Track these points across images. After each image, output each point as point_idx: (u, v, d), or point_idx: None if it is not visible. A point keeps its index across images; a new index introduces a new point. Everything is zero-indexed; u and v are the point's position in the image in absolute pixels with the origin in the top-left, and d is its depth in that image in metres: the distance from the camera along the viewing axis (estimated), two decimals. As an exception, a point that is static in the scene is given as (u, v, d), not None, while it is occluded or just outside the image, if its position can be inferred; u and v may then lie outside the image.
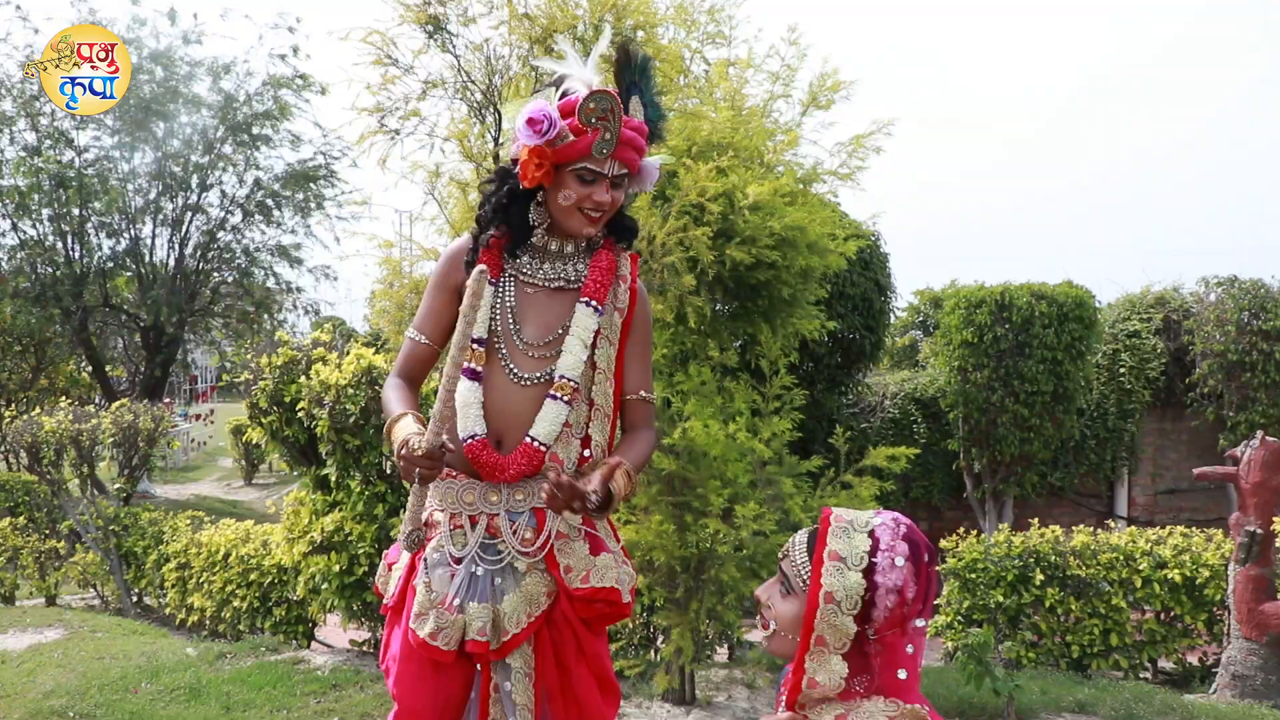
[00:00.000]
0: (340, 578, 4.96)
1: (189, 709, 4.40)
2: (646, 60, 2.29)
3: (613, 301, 2.29)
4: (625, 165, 2.19)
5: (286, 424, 5.35)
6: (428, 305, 2.40)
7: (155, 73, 15.57)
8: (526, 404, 2.23)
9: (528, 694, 2.23)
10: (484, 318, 2.25)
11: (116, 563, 8.50)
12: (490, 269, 2.24)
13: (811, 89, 4.88)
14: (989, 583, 6.20)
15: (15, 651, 5.91)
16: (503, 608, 2.19)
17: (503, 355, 2.26)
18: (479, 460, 2.20)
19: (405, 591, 2.30)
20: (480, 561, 2.23)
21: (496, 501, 2.24)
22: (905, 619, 1.60)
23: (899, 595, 1.57)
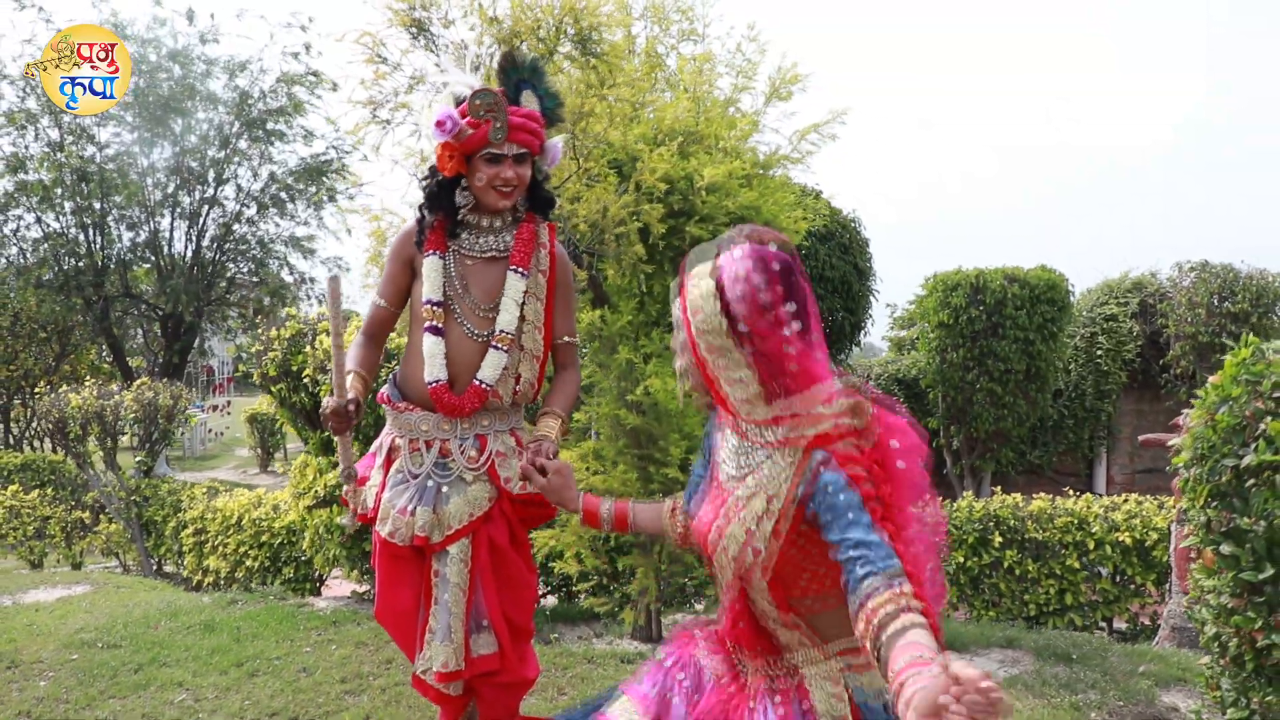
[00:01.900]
0: (340, 530, 5.41)
1: (204, 640, 4.88)
2: (535, 61, 2.76)
3: (536, 265, 2.78)
4: (523, 145, 2.67)
5: (293, 391, 5.80)
6: (386, 275, 2.91)
7: (173, 71, 16.02)
8: (476, 354, 2.74)
9: (461, 574, 2.75)
10: (437, 285, 2.74)
11: (138, 531, 9.00)
12: (437, 247, 2.74)
13: (772, 82, 5.28)
14: (951, 545, 6.60)
15: (47, 602, 6.41)
16: (448, 509, 2.70)
17: (458, 316, 2.76)
18: (441, 400, 2.69)
19: (377, 503, 2.82)
20: (434, 476, 2.73)
21: (448, 429, 2.74)
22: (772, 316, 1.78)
23: (746, 283, 1.77)
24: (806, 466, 1.78)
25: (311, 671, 4.30)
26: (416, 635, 2.86)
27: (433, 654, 2.74)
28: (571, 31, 3.81)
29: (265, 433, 20.24)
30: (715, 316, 1.82)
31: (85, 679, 4.50)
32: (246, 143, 16.48)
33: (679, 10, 5.51)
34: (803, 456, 1.80)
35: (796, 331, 1.81)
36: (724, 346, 1.83)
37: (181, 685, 4.29)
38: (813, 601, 1.88)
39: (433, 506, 2.69)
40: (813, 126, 5.29)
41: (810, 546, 1.81)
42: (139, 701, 4.16)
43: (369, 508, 2.86)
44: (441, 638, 2.72)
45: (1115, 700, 3.73)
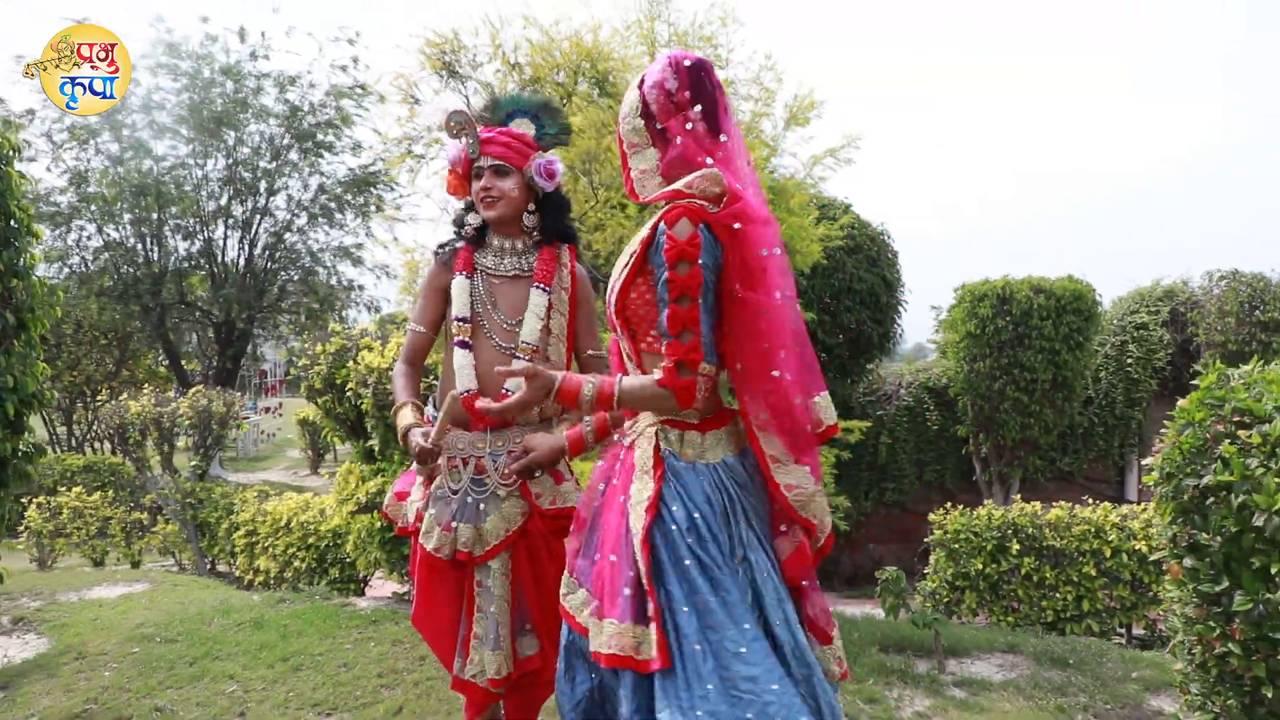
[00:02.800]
0: (382, 533, 5.74)
1: (253, 636, 5.22)
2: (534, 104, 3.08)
3: (559, 283, 3.05)
4: (497, 158, 2.98)
5: (338, 402, 6.14)
6: (421, 302, 3.20)
7: (226, 86, 16.52)
8: (500, 365, 2.99)
9: (504, 586, 3.01)
10: (465, 303, 3.03)
11: (193, 532, 9.43)
12: (465, 268, 3.04)
13: (790, 109, 5.54)
14: (970, 552, 6.79)
15: (110, 598, 6.80)
16: (486, 525, 2.97)
17: (487, 331, 3.05)
18: (472, 409, 2.97)
19: (421, 517, 3.10)
20: (471, 492, 3.01)
21: (482, 446, 3.02)
22: (678, 108, 2.29)
23: (659, 89, 2.29)
24: (654, 226, 2.22)
25: (351, 666, 4.62)
26: (452, 641, 3.14)
27: (484, 661, 3.01)
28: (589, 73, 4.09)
29: (316, 435, 20.76)
30: (634, 104, 2.36)
31: (145, 670, 4.86)
32: (297, 154, 16.97)
33: (702, 38, 5.77)
34: (659, 216, 2.24)
35: (699, 121, 2.29)
36: (636, 128, 2.37)
37: (232, 678, 4.63)
38: (651, 359, 2.34)
39: (474, 523, 2.97)
40: (828, 151, 5.54)
41: (650, 295, 2.29)
42: (194, 692, 4.50)
43: (409, 521, 3.16)
44: (492, 646, 3.00)
45: (1102, 703, 3.93)
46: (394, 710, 4.03)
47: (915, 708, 3.92)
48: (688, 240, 2.18)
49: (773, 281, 2.22)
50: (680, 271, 2.18)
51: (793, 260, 5.17)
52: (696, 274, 2.19)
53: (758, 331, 2.23)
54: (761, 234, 2.18)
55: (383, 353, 5.80)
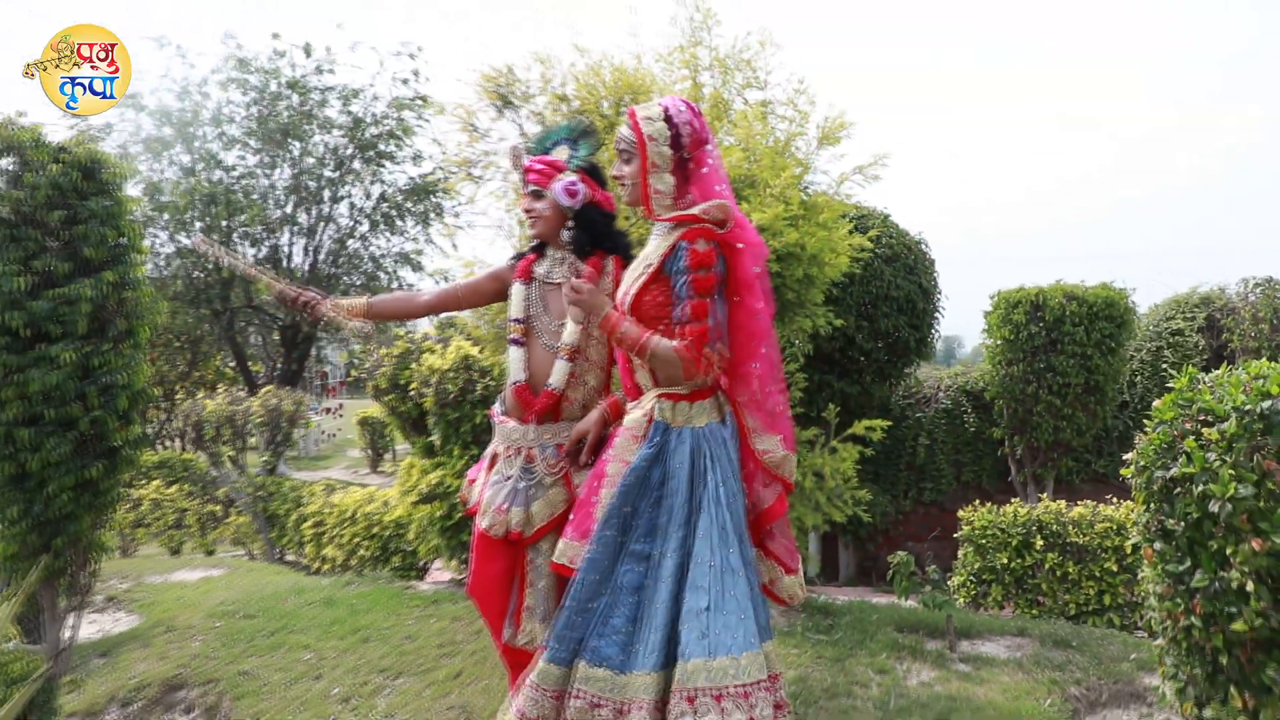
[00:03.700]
0: (441, 522, 6.22)
1: (324, 613, 5.74)
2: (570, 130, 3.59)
3: (602, 288, 3.50)
4: (533, 184, 3.49)
5: (401, 401, 6.65)
6: (480, 275, 3.72)
7: (292, 99, 17.20)
8: (549, 363, 3.45)
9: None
10: (520, 306, 3.51)
11: (263, 523, 10.02)
12: (523, 276, 3.52)
13: (821, 129, 5.92)
14: (996, 547, 7.13)
15: (191, 580, 7.38)
16: (533, 509, 3.42)
17: (538, 332, 3.51)
18: (522, 399, 3.44)
19: (479, 500, 3.58)
20: (521, 479, 3.46)
21: (533, 439, 3.48)
22: (700, 142, 2.97)
23: (691, 124, 2.93)
24: (675, 243, 2.88)
25: (414, 638, 5.11)
26: (502, 610, 3.60)
27: (534, 630, 3.48)
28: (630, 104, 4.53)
29: (375, 435, 21.44)
30: (664, 133, 2.95)
31: (228, 641, 5.39)
32: (359, 164, 17.60)
33: (742, 62, 6.17)
34: (675, 237, 2.89)
35: (709, 156, 3.02)
36: (664, 155, 2.96)
37: (307, 647, 5.14)
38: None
39: (523, 506, 3.43)
40: (856, 169, 5.92)
41: (664, 299, 2.94)
42: (274, 659, 5.02)
43: (474, 501, 3.63)
44: (541, 617, 3.46)
45: (1095, 678, 4.29)
46: (453, 675, 4.51)
47: (921, 678, 4.32)
48: (706, 253, 2.86)
49: (759, 292, 2.93)
50: (699, 275, 2.83)
51: (822, 271, 5.56)
52: (711, 278, 2.86)
53: (748, 329, 2.95)
54: (755, 255, 2.84)
55: (443, 355, 6.28)
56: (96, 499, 4.25)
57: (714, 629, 2.79)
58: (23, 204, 3.96)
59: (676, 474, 2.91)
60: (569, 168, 3.50)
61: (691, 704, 2.73)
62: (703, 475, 2.93)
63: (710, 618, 2.80)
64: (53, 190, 3.99)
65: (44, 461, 3.96)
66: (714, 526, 2.87)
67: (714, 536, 2.87)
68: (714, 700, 2.73)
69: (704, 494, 2.91)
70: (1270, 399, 3.13)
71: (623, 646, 2.83)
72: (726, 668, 2.77)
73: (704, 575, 2.84)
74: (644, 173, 2.97)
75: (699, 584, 2.83)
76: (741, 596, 2.87)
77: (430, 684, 4.44)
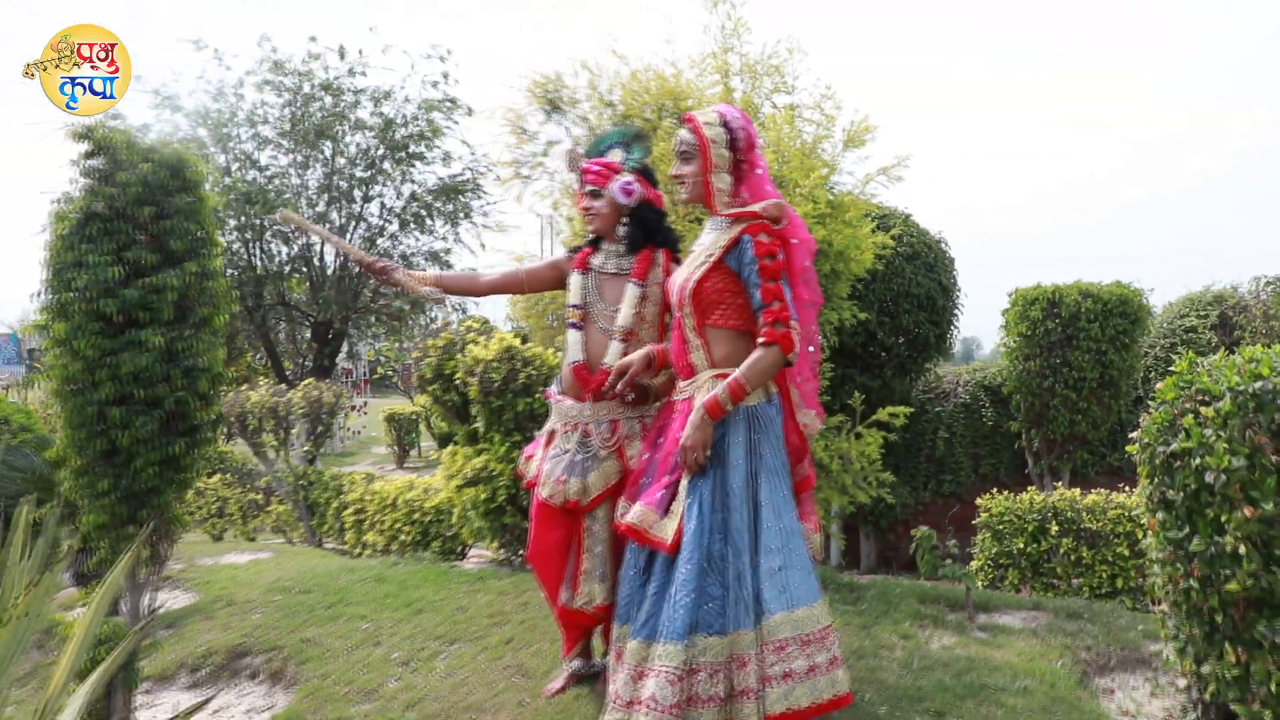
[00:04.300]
0: (485, 505, 6.56)
1: (376, 588, 6.08)
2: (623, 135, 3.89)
3: (652, 279, 3.83)
4: (591, 184, 3.84)
5: (445, 391, 7.00)
6: (540, 263, 4.08)
7: (325, 100, 17.62)
8: (605, 345, 3.79)
9: (607, 530, 3.80)
10: (578, 294, 3.85)
11: (304, 511, 10.40)
12: (580, 266, 3.87)
13: (847, 132, 6.24)
14: (1012, 533, 7.43)
15: (241, 562, 7.76)
16: (589, 480, 3.76)
17: (594, 317, 3.85)
18: (579, 378, 3.78)
19: (538, 473, 3.92)
20: (579, 452, 3.81)
21: (589, 415, 3.82)
22: (751, 146, 3.33)
23: (745, 130, 3.31)
24: (737, 237, 3.24)
25: (465, 610, 5.45)
26: (559, 575, 3.94)
27: (593, 591, 3.82)
28: (671, 110, 4.87)
29: (402, 431, 21.82)
30: (723, 136, 3.33)
31: (288, 613, 5.74)
32: (390, 164, 18.01)
33: (771, 68, 6.49)
34: (736, 231, 3.25)
35: (760, 160, 3.40)
36: (723, 156, 3.33)
37: (364, 618, 5.48)
38: (715, 332, 3.32)
39: (581, 477, 3.77)
40: (881, 170, 6.23)
41: (724, 285, 3.28)
42: (333, 629, 5.37)
43: (532, 476, 3.98)
44: (599, 579, 3.81)
45: (1104, 645, 4.60)
46: (505, 641, 4.85)
47: (942, 642, 4.63)
48: (770, 244, 3.23)
49: (809, 282, 3.19)
50: (769, 262, 3.19)
51: (848, 267, 5.88)
52: (779, 264, 3.23)
53: (801, 317, 3.28)
54: (806, 250, 3.19)
55: (486, 346, 6.63)
56: (178, 474, 4.59)
57: (791, 585, 3.21)
58: (115, 200, 4.30)
59: (736, 447, 3.26)
60: (625, 169, 3.84)
61: (781, 652, 3.15)
62: (758, 448, 3.28)
63: (786, 575, 3.21)
64: (143, 187, 4.33)
65: (133, 438, 4.31)
66: (775, 494, 3.26)
67: (777, 502, 3.26)
68: (800, 646, 3.17)
69: (760, 465, 3.27)
70: (1262, 380, 3.44)
71: (720, 612, 3.17)
72: (804, 618, 3.20)
73: (774, 538, 3.22)
74: (705, 171, 3.33)
75: (771, 546, 3.22)
76: (804, 554, 3.30)
77: (484, 649, 4.78)
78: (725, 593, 3.20)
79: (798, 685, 3.16)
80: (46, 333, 4.38)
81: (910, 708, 3.81)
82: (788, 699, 3.15)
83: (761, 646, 3.19)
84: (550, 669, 4.35)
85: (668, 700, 3.07)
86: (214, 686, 5.09)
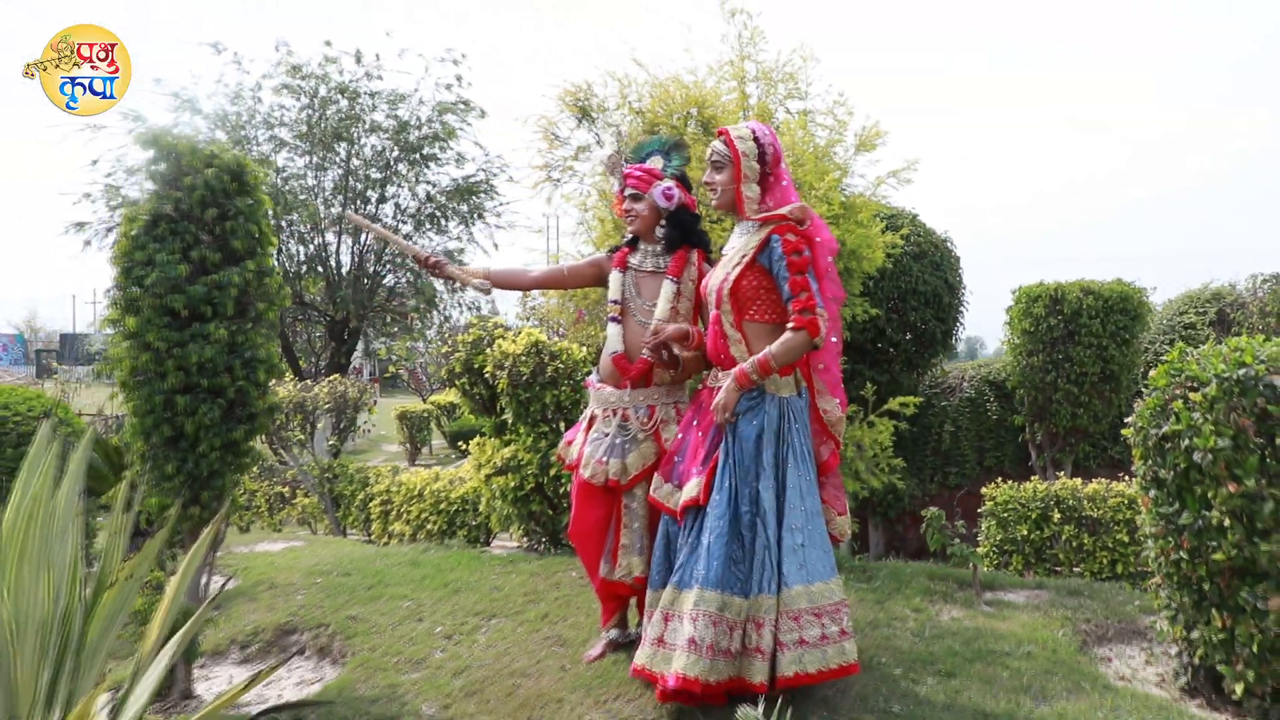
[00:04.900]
0: (514, 492, 6.88)
1: (413, 571, 6.40)
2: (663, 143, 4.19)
3: (687, 276, 4.14)
4: (633, 188, 4.14)
5: (474, 384, 7.32)
6: (582, 261, 4.40)
7: (340, 103, 17.95)
8: (642, 337, 4.11)
9: (644, 507, 4.12)
10: (617, 290, 4.17)
11: (329, 503, 10.72)
12: (619, 265, 4.18)
13: (858, 137, 6.56)
14: (1016, 520, 7.75)
15: (275, 550, 8.07)
16: (628, 460, 4.08)
17: (632, 312, 4.17)
18: (620, 367, 4.10)
19: (581, 455, 4.24)
20: (618, 435, 4.13)
21: (628, 400, 4.14)
22: (778, 159, 3.67)
23: (773, 145, 3.65)
24: (767, 238, 3.60)
25: (500, 589, 5.77)
26: (598, 550, 4.26)
27: (631, 564, 4.14)
28: (696, 117, 5.20)
29: (414, 429, 22.13)
30: (754, 150, 3.68)
31: (330, 594, 6.06)
32: (405, 166, 18.33)
33: (786, 75, 6.81)
34: (766, 233, 3.61)
35: (785, 172, 3.77)
36: (753, 168, 3.68)
37: (405, 597, 5.80)
38: (751, 326, 3.68)
39: (620, 458, 4.09)
40: (891, 173, 6.56)
41: (759, 283, 3.64)
42: (375, 607, 5.69)
43: (573, 459, 4.30)
44: (638, 553, 4.13)
45: (1102, 617, 4.92)
46: (541, 615, 5.17)
47: (951, 615, 4.96)
48: (796, 241, 3.59)
49: (831, 278, 3.50)
50: (796, 258, 3.54)
51: (860, 265, 6.20)
52: (805, 260, 3.59)
53: (828, 313, 3.62)
54: (828, 248, 3.52)
55: (514, 340, 6.95)
56: (237, 458, 4.92)
57: (810, 561, 3.59)
58: (182, 203, 4.63)
59: (768, 430, 3.62)
60: (665, 175, 4.17)
61: (797, 621, 3.52)
62: (788, 435, 3.65)
63: (806, 552, 3.58)
64: (207, 191, 4.65)
65: (198, 424, 4.63)
66: (801, 478, 3.63)
67: (802, 486, 3.64)
68: (814, 617, 3.55)
69: (789, 451, 3.64)
70: (1245, 367, 3.76)
71: (745, 576, 3.54)
72: (820, 591, 3.59)
73: (798, 517, 3.59)
74: (737, 180, 3.68)
75: (794, 525, 3.58)
76: (823, 534, 3.68)
77: (522, 623, 5.10)
78: (750, 558, 3.55)
79: (808, 652, 3.52)
80: (118, 327, 4.69)
81: (923, 669, 4.14)
82: (799, 663, 3.51)
83: (779, 614, 3.54)
84: (587, 639, 4.68)
85: (707, 640, 3.42)
86: (264, 661, 5.41)
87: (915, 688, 3.95)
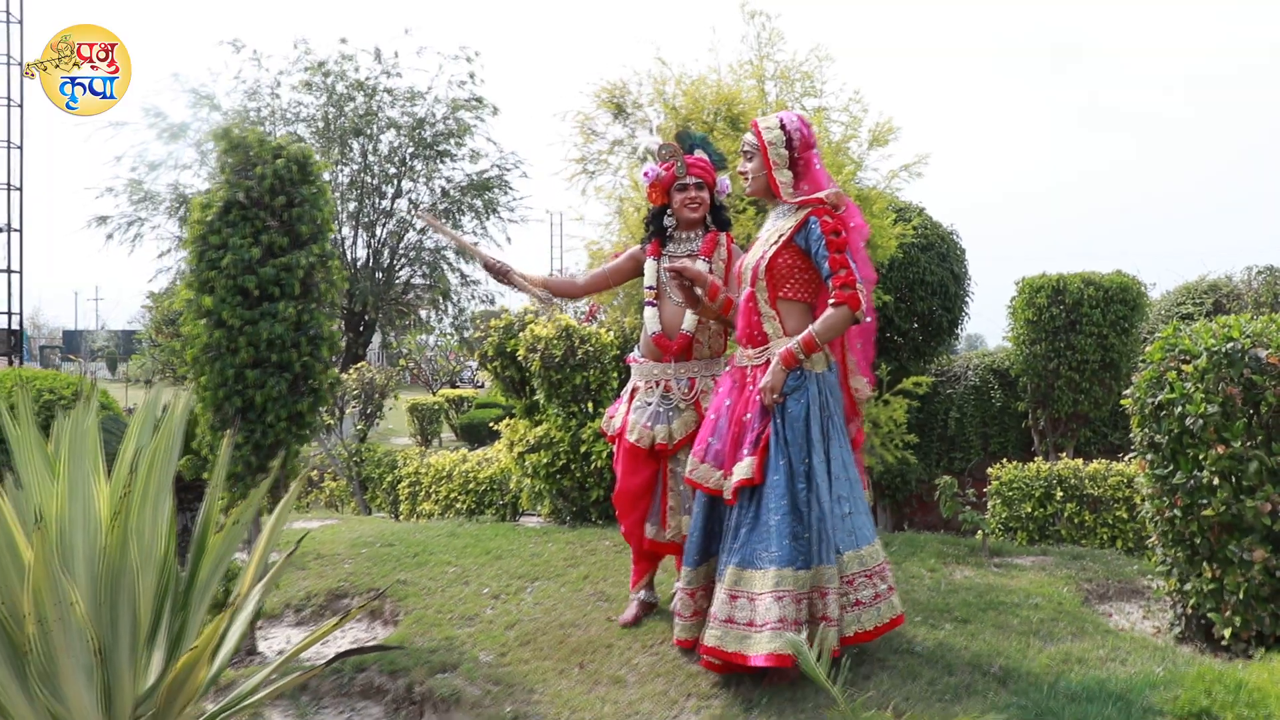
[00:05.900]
0: (546, 468, 7.28)
1: (453, 541, 6.77)
2: (703, 138, 4.54)
3: (717, 256, 4.51)
4: (698, 177, 4.47)
5: (505, 367, 7.71)
6: (619, 260, 4.75)
7: (357, 100, 18.32)
8: (679, 316, 4.48)
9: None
10: (653, 277, 4.54)
11: (357, 486, 11.10)
12: (654, 254, 4.55)
13: (872, 132, 6.95)
14: (1021, 498, 8.13)
15: (313, 527, 8.44)
16: (673, 426, 4.45)
17: (668, 294, 4.52)
18: (661, 344, 4.47)
19: (625, 425, 4.60)
20: (661, 404, 4.50)
21: (670, 373, 4.52)
22: (808, 146, 3.92)
23: (801, 132, 3.90)
24: (804, 219, 3.87)
25: (540, 555, 6.15)
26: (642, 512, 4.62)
27: (680, 523, 4.51)
28: (724, 114, 5.59)
29: (425, 421, 22.50)
30: (781, 139, 3.93)
31: (377, 563, 6.43)
32: (420, 162, 18.71)
33: (802, 73, 7.20)
34: (803, 215, 3.88)
35: (817, 158, 4.01)
36: (781, 155, 3.93)
37: (450, 564, 6.18)
38: (786, 305, 3.95)
39: (667, 424, 4.46)
40: (904, 167, 6.95)
41: (794, 262, 3.91)
42: (423, 573, 6.06)
43: (615, 429, 4.68)
44: (686, 513, 4.50)
45: (1103, 577, 5.33)
46: (582, 576, 5.56)
47: (963, 574, 5.37)
48: (833, 223, 3.86)
49: (864, 262, 3.84)
50: (835, 237, 3.82)
51: (874, 254, 6.58)
52: (843, 239, 3.85)
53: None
54: (861, 232, 3.85)
55: (545, 325, 7.34)
56: (301, 430, 5.31)
57: (857, 527, 3.91)
58: (252, 191, 5.02)
59: (814, 406, 3.90)
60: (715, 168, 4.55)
61: (852, 584, 3.84)
62: (827, 408, 3.92)
63: (853, 520, 3.91)
64: (275, 180, 5.03)
65: (267, 397, 5.01)
66: (843, 449, 3.95)
67: (845, 456, 3.95)
68: (866, 578, 3.87)
69: (829, 424, 3.91)
70: (1233, 341, 4.16)
71: (806, 550, 3.80)
72: (868, 554, 3.91)
73: (843, 486, 3.90)
74: (768, 167, 3.99)
75: (841, 494, 3.89)
76: (864, 500, 3.99)
77: (565, 584, 5.49)
78: (809, 532, 3.80)
79: (864, 611, 3.85)
80: (192, 306, 5.08)
81: (940, 618, 4.54)
82: (858, 623, 3.85)
83: (839, 580, 3.84)
84: (629, 596, 5.07)
85: (791, 617, 3.69)
86: (318, 623, 5.78)
87: (935, 632, 4.35)
